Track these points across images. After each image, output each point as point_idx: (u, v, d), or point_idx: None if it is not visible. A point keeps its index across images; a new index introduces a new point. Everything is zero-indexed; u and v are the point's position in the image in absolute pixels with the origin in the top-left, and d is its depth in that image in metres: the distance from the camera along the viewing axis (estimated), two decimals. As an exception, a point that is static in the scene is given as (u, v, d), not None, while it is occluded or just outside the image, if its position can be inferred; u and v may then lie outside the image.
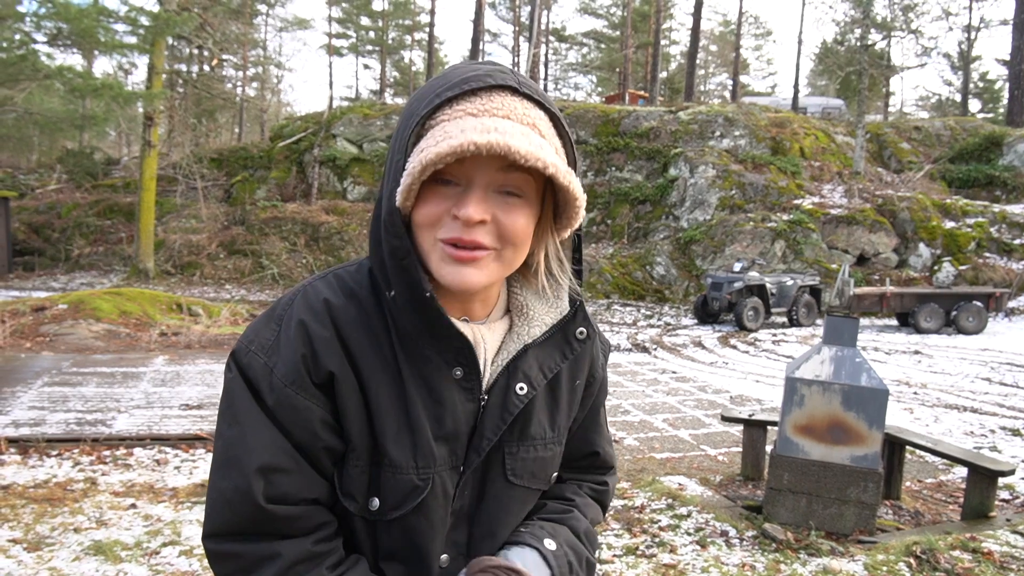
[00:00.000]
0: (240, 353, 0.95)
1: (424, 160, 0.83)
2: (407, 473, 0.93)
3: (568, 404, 1.08)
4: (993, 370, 11.07)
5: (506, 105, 0.88)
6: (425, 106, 0.88)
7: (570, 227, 0.95)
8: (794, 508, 4.38)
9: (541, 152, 0.84)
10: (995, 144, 24.21)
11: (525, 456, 1.01)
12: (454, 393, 0.95)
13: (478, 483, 1.00)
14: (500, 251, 0.90)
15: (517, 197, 0.89)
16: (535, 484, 1.05)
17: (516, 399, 0.97)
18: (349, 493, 0.95)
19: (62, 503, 4.39)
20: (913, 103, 54.52)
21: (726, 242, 19.68)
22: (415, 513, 0.95)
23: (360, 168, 25.20)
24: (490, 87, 0.88)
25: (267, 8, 42.36)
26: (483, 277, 0.89)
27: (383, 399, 0.93)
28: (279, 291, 20.73)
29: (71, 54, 18.17)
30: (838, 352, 4.44)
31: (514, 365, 0.98)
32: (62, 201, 24.47)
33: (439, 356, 0.93)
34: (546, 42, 46.45)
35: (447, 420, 0.95)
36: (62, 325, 10.56)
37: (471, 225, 0.86)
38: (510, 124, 0.86)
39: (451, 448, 0.96)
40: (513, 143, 0.82)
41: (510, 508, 1.02)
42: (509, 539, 1.04)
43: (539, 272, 1.01)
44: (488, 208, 0.87)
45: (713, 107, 25.57)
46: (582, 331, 1.02)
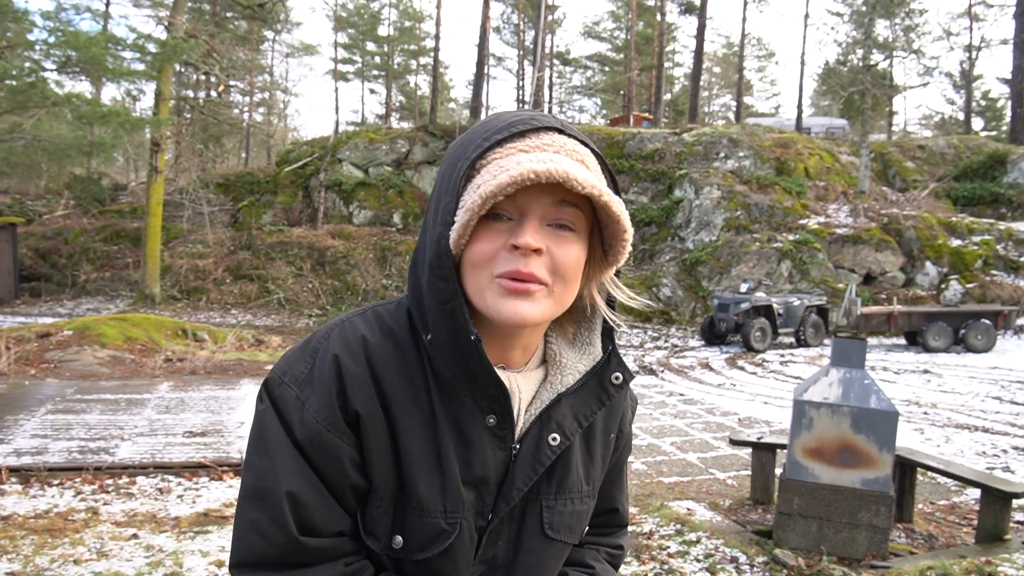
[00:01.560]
0: (273, 384, 0.95)
1: (484, 193, 0.84)
2: (435, 516, 0.92)
3: (602, 457, 1.07)
4: (1004, 388, 10.95)
5: (555, 142, 0.90)
6: (474, 149, 0.89)
7: (617, 263, 0.95)
8: (805, 533, 4.31)
9: (595, 181, 0.86)
10: (999, 162, 24.20)
11: (563, 510, 1.00)
12: (485, 440, 0.94)
13: (515, 535, 0.99)
14: (552, 287, 0.89)
15: (570, 231, 0.90)
16: (571, 539, 1.03)
17: (548, 450, 0.96)
18: (372, 532, 0.95)
19: (63, 534, 4.35)
20: (916, 122, 54.67)
21: (732, 263, 19.64)
22: (441, 557, 0.94)
23: (366, 192, 25.32)
24: (537, 128, 0.91)
25: (273, 35, 42.87)
26: (537, 312, 0.88)
27: (413, 440, 0.92)
28: (285, 316, 20.75)
29: (79, 81, 18.34)
30: (846, 374, 4.39)
31: (547, 415, 0.97)
32: (69, 227, 24.62)
33: (474, 402, 0.93)
34: (550, 66, 46.80)
35: (476, 466, 0.94)
36: (67, 351, 10.57)
37: (528, 254, 0.86)
38: (561, 157, 0.88)
39: (479, 494, 0.95)
40: (571, 171, 0.84)
41: (546, 564, 1.01)
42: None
43: (587, 311, 1.01)
44: (543, 239, 0.88)
45: (717, 128, 25.66)
46: (617, 376, 1.01)
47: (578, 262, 0.91)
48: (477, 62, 31.33)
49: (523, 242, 0.86)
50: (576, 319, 1.03)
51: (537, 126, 0.90)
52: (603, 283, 1.00)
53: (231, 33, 30.57)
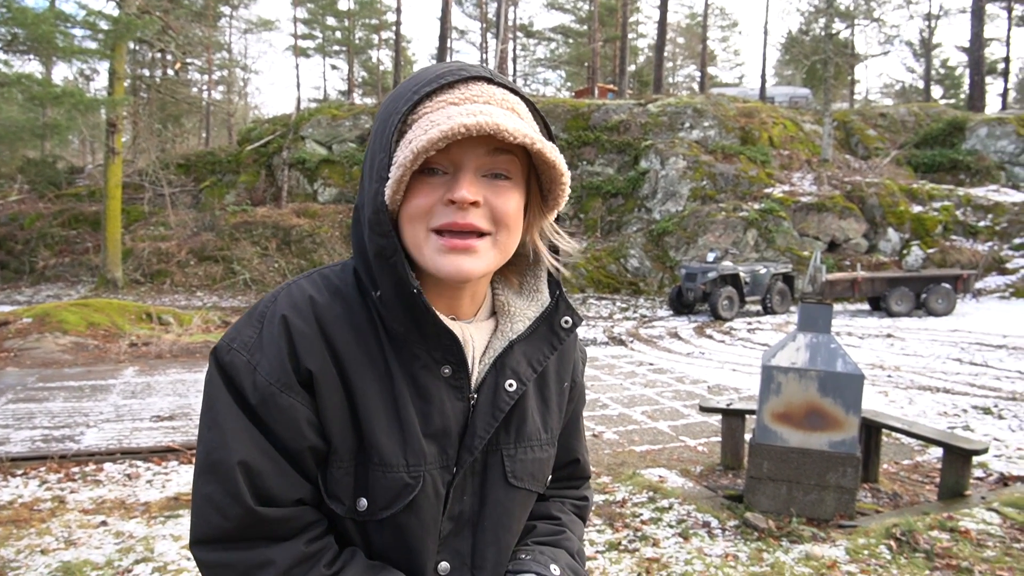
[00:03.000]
0: (221, 351, 0.92)
1: (416, 148, 0.83)
2: (397, 471, 0.91)
3: (558, 406, 1.07)
4: (963, 350, 11.23)
5: (484, 92, 0.90)
6: (404, 103, 0.89)
7: (557, 206, 0.96)
8: (775, 496, 4.39)
9: (527, 129, 0.86)
10: (958, 129, 24.62)
11: (523, 458, 1.00)
12: (442, 391, 0.94)
13: (479, 488, 0.98)
14: (495, 236, 0.90)
15: (506, 179, 0.90)
16: (534, 486, 1.03)
17: (506, 396, 0.96)
18: (335, 495, 0.92)
19: (28, 524, 4.26)
20: (878, 90, 55.37)
21: (699, 233, 19.79)
22: (406, 512, 0.92)
23: (330, 170, 24.97)
24: (465, 79, 0.90)
25: (231, 10, 41.79)
26: (481, 264, 0.89)
27: (370, 397, 0.91)
28: (252, 296, 20.47)
29: (28, 61, 17.70)
30: (813, 339, 4.45)
31: (501, 362, 0.98)
32: (24, 212, 23.92)
33: (427, 354, 0.93)
34: (514, 38, 46.38)
35: (435, 418, 0.93)
36: (27, 339, 10.31)
37: (465, 207, 0.86)
38: (492, 107, 0.88)
39: (441, 446, 0.94)
40: (501, 121, 0.84)
41: (512, 512, 1.01)
42: (513, 567, 1.02)
43: (529, 259, 1.02)
44: (480, 190, 0.88)
45: (682, 99, 25.69)
46: (567, 320, 1.02)
47: (518, 209, 0.92)
48: (440, 35, 30.93)
49: (459, 196, 0.86)
50: (521, 268, 1.03)
51: (466, 76, 0.90)
52: (544, 230, 1.00)
53: (186, 9, 29.69)
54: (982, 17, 31.33)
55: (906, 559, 3.66)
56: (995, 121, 24.32)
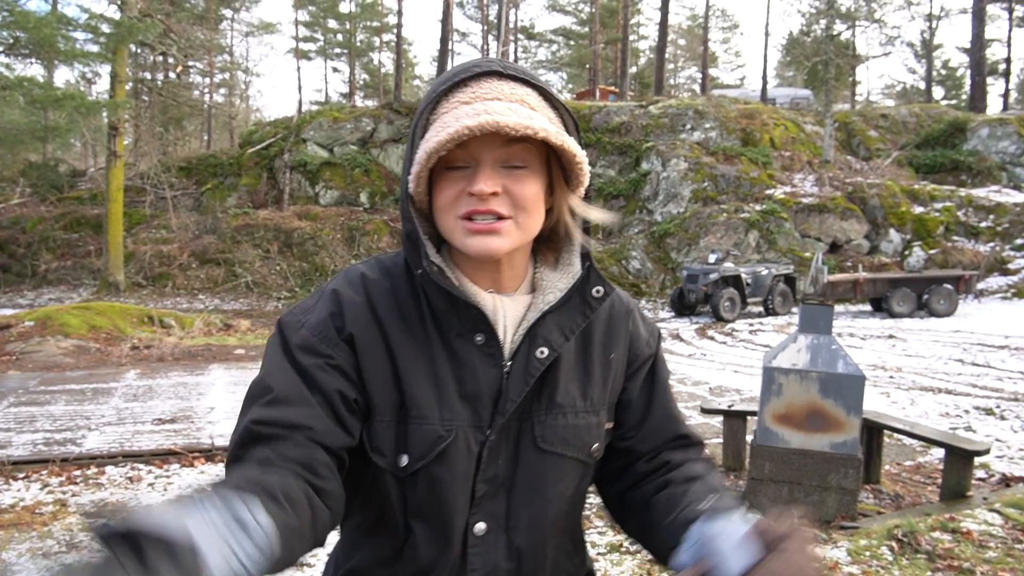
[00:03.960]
0: (283, 316, 1.06)
1: (428, 149, 0.93)
2: (432, 423, 0.99)
3: (602, 376, 1.11)
4: (965, 351, 11.22)
5: (494, 89, 0.98)
6: (427, 103, 0.99)
7: (581, 185, 1.04)
8: (776, 497, 4.38)
9: (530, 121, 0.93)
10: (959, 130, 24.60)
11: (553, 423, 1.05)
12: (475, 358, 1.02)
13: (512, 453, 1.04)
14: (515, 219, 0.99)
15: (523, 168, 0.98)
16: (569, 451, 1.07)
17: (536, 362, 1.03)
18: (377, 448, 1.00)
19: (30, 527, 4.26)
20: (879, 91, 55.30)
21: (700, 234, 19.79)
22: (438, 463, 0.99)
23: (331, 172, 24.99)
24: (477, 75, 0.98)
25: (232, 13, 41.87)
26: (504, 243, 0.98)
27: (410, 359, 1.01)
28: (254, 299, 20.49)
29: (30, 64, 17.74)
30: (814, 340, 4.44)
31: (534, 331, 1.04)
32: (26, 215, 23.96)
33: (461, 324, 1.02)
34: (515, 40, 46.43)
35: (468, 381, 1.01)
36: (29, 343, 10.33)
37: (484, 198, 0.96)
38: (499, 104, 0.95)
39: (473, 408, 1.01)
40: (502, 119, 0.91)
41: (545, 476, 1.06)
42: (711, 512, 0.98)
43: (560, 234, 1.09)
44: (498, 181, 0.96)
45: (683, 100, 25.71)
46: (598, 290, 1.07)
47: (536, 194, 1.00)
48: (441, 38, 30.95)
49: (477, 189, 0.95)
50: (556, 247, 1.11)
51: (477, 72, 0.98)
52: (574, 208, 1.08)
53: (188, 12, 29.78)
54: (983, 18, 31.32)
55: (908, 560, 3.65)
56: (996, 122, 24.30)
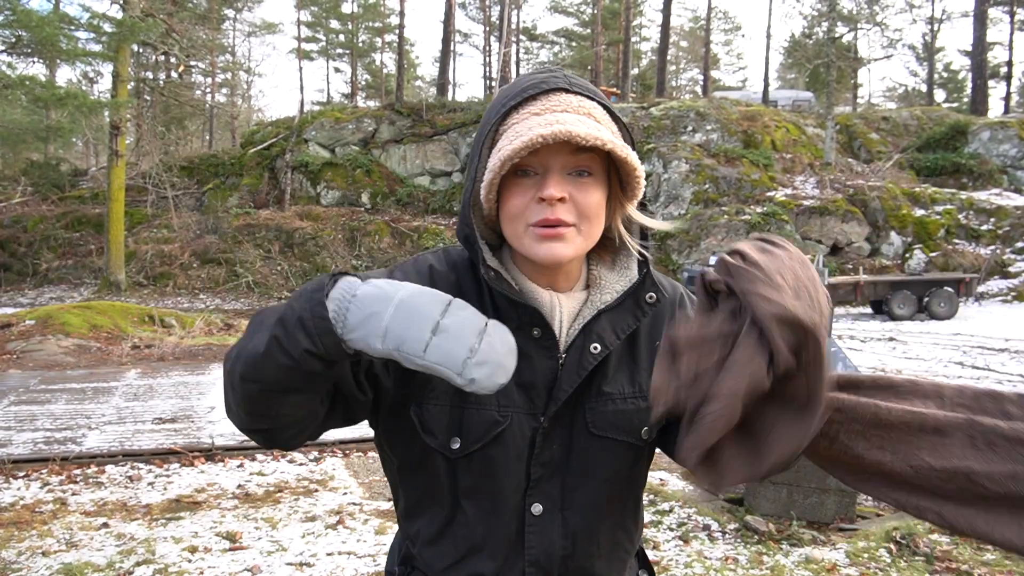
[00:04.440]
0: None
1: (503, 157, 0.98)
2: (489, 409, 1.05)
3: (649, 362, 1.16)
4: (965, 354, 11.22)
5: (563, 102, 1.03)
6: (495, 114, 1.04)
7: (636, 197, 1.09)
8: (775, 499, 4.39)
9: (599, 132, 0.98)
10: (960, 132, 24.61)
11: (604, 410, 1.11)
12: (532, 349, 1.07)
13: (567, 439, 1.10)
14: (579, 226, 1.04)
15: (588, 176, 1.04)
16: (619, 435, 1.12)
17: (590, 356, 1.09)
18: (430, 430, 1.06)
19: (30, 526, 4.27)
20: (881, 94, 55.28)
21: (701, 236, 19.79)
22: (494, 444, 1.06)
23: (333, 172, 25.02)
24: (547, 91, 1.04)
25: (234, 13, 41.91)
26: (570, 250, 1.03)
27: None
28: (255, 299, 20.51)
29: (32, 63, 17.76)
30: (813, 342, 4.45)
31: (589, 328, 1.10)
32: (28, 214, 23.99)
33: (519, 318, 1.07)
34: (517, 41, 46.44)
35: (526, 371, 1.05)
36: (30, 341, 10.34)
37: (553, 204, 1.00)
38: (569, 115, 1.01)
39: (528, 396, 1.08)
40: (574, 129, 0.96)
41: (596, 459, 1.11)
42: None
43: (616, 241, 1.15)
44: (565, 188, 1.02)
45: (685, 102, 25.73)
46: (651, 295, 1.13)
47: (599, 202, 1.05)
48: (443, 39, 31.03)
49: (548, 194, 1.00)
50: (613, 249, 1.16)
51: (547, 88, 1.04)
52: (629, 216, 1.13)
53: (190, 12, 29.80)
54: (985, 21, 31.34)
55: (906, 562, 3.66)
56: (998, 125, 24.31)
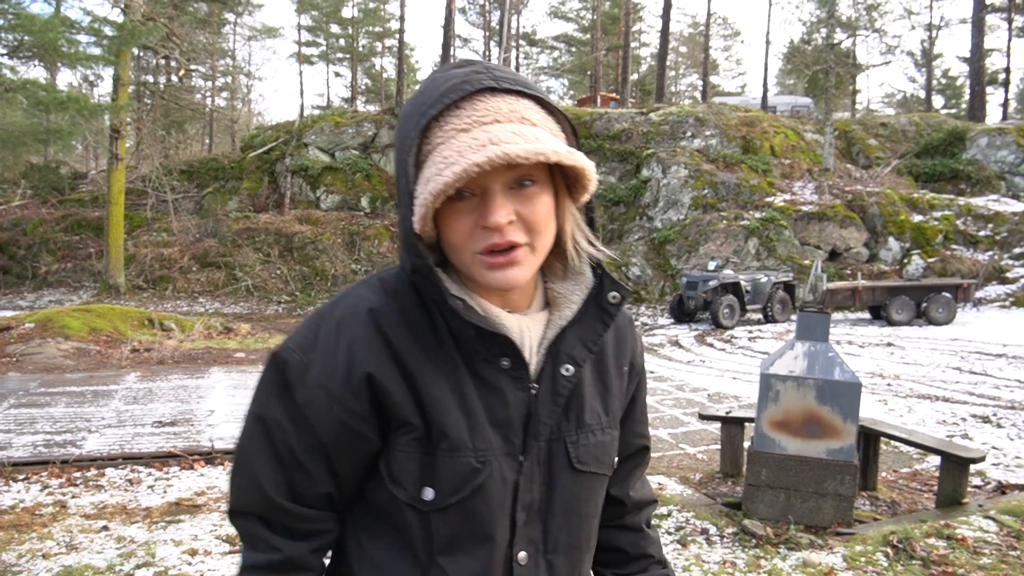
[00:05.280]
0: (279, 350, 0.99)
1: (434, 190, 0.87)
2: (465, 456, 0.94)
3: (619, 388, 1.10)
4: (963, 359, 11.24)
5: (491, 109, 0.90)
6: (414, 127, 0.91)
7: (585, 193, 0.98)
8: (773, 503, 4.41)
9: (538, 145, 0.87)
10: (958, 139, 24.67)
11: (586, 443, 1.03)
12: (503, 382, 0.97)
13: (546, 476, 1.01)
14: (532, 243, 0.94)
15: (533, 184, 0.92)
16: (600, 469, 1.06)
17: (564, 381, 0.99)
18: (398, 481, 0.96)
19: (30, 528, 4.29)
20: (879, 100, 55.48)
21: (700, 241, 19.83)
22: (474, 497, 0.95)
23: (333, 177, 25.05)
24: (469, 95, 0.90)
25: (235, 17, 41.99)
26: (524, 272, 0.94)
27: (436, 388, 0.95)
28: (254, 303, 20.53)
29: (33, 67, 17.79)
30: (811, 347, 4.47)
31: (556, 349, 1.00)
32: (27, 217, 24.01)
33: (486, 349, 0.96)
34: (517, 46, 46.57)
35: (498, 408, 0.97)
36: (29, 344, 10.35)
37: (501, 229, 0.90)
38: (498, 128, 0.88)
39: (505, 435, 0.97)
40: (510, 150, 0.85)
41: (580, 496, 1.04)
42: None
43: (567, 249, 1.03)
44: (510, 209, 0.91)
45: (684, 108, 25.78)
46: (614, 295, 1.03)
47: (548, 211, 0.95)
48: (443, 44, 31.07)
49: (492, 223, 0.89)
50: (563, 256, 1.04)
51: (469, 91, 0.90)
52: (576, 217, 1.01)
53: (191, 16, 29.85)
54: (982, 28, 31.43)
55: (903, 566, 3.67)
56: (995, 131, 24.37)
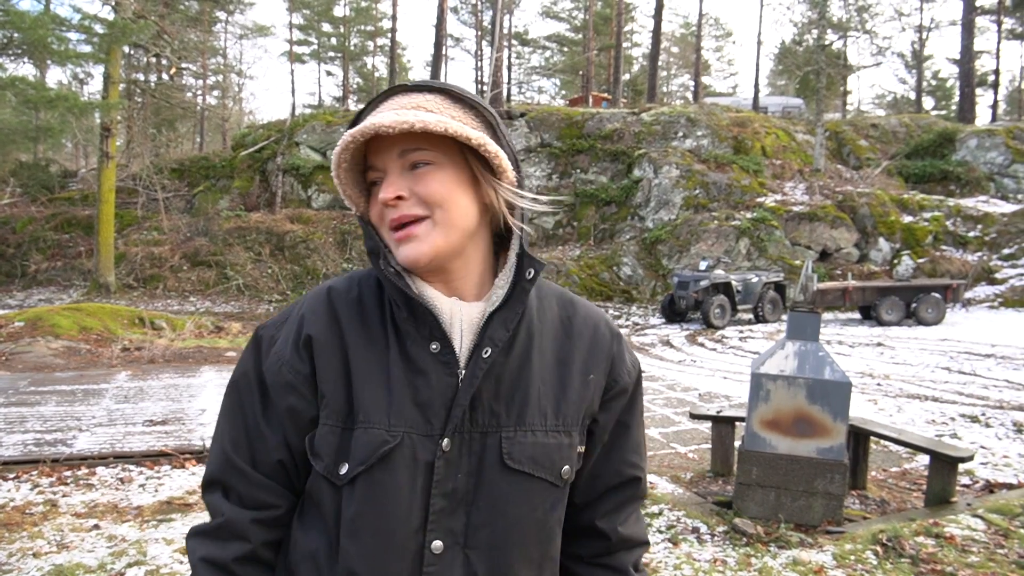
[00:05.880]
0: (258, 329, 1.12)
1: (333, 169, 1.02)
2: (378, 429, 0.98)
3: (580, 396, 1.06)
4: (952, 359, 11.32)
5: (392, 102, 1.02)
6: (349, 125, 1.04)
7: (504, 171, 1.01)
8: (763, 502, 4.43)
9: (409, 117, 0.95)
10: (948, 140, 24.83)
11: (523, 440, 1.01)
12: (430, 366, 1.00)
13: (475, 467, 0.99)
14: (431, 216, 0.99)
15: (427, 165, 0.99)
16: (538, 472, 1.01)
17: (482, 363, 0.99)
18: (317, 452, 1.01)
19: (20, 527, 4.27)
20: (870, 101, 55.74)
21: (691, 241, 19.88)
22: (381, 467, 0.96)
23: (324, 176, 24.98)
24: (387, 95, 1.04)
25: (226, 15, 41.82)
26: (427, 245, 0.99)
27: (365, 364, 1.01)
28: (245, 302, 20.45)
29: (22, 64, 17.67)
30: (801, 347, 4.50)
31: (483, 334, 1.01)
32: (16, 215, 23.85)
33: (416, 331, 1.01)
34: (509, 46, 46.53)
35: (423, 389, 0.99)
36: (19, 343, 10.29)
37: (393, 204, 0.99)
38: (388, 113, 0.98)
39: (424, 415, 0.98)
40: (379, 121, 0.95)
41: (510, 497, 1.00)
42: None
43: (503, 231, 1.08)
44: (400, 186, 0.99)
45: (675, 108, 25.84)
46: (529, 271, 1.03)
47: (447, 187, 1.00)
48: (435, 43, 31.05)
49: (382, 197, 1.00)
50: (506, 246, 1.08)
51: (389, 93, 1.04)
52: (505, 198, 1.04)
53: (182, 14, 29.73)
54: (972, 30, 31.65)
55: (892, 564, 3.70)
56: (985, 133, 24.54)
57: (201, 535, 1.05)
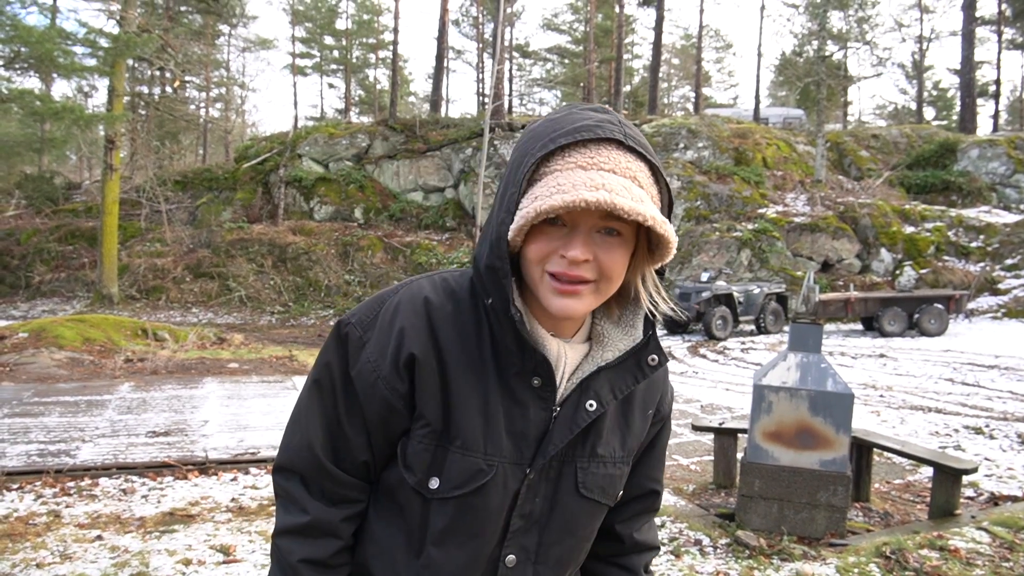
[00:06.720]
0: (342, 323, 1.09)
1: (539, 208, 0.93)
2: (475, 456, 1.02)
3: (640, 430, 1.16)
4: (955, 370, 11.30)
5: (612, 159, 0.97)
6: (540, 148, 0.98)
7: (663, 260, 1.03)
8: (766, 514, 4.42)
9: (641, 207, 0.93)
10: (949, 150, 24.87)
11: (596, 471, 1.10)
12: (529, 399, 1.04)
13: (551, 494, 1.08)
14: (598, 283, 1.00)
15: (617, 236, 0.99)
16: (604, 499, 1.12)
17: (585, 414, 1.05)
18: (410, 466, 1.04)
19: (23, 538, 4.27)
20: (871, 112, 55.81)
21: (693, 252, 19.90)
22: (475, 494, 1.03)
23: (326, 188, 25.06)
24: (599, 139, 0.98)
25: (229, 29, 42.08)
26: (583, 306, 1.00)
27: (465, 388, 1.03)
28: (247, 313, 20.48)
29: (28, 77, 17.79)
30: (804, 358, 4.51)
31: (587, 384, 1.07)
32: (21, 227, 23.94)
33: (522, 364, 1.03)
34: (510, 58, 46.72)
35: (518, 420, 1.04)
36: (23, 354, 10.31)
37: (577, 264, 0.97)
38: (614, 178, 0.95)
39: (517, 446, 1.04)
40: (618, 201, 0.91)
41: (579, 520, 1.10)
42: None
43: (629, 297, 1.10)
44: (591, 249, 0.97)
45: (676, 119, 25.92)
46: (654, 358, 1.09)
47: (622, 264, 1.01)
48: (436, 55, 31.20)
49: (572, 255, 0.96)
50: (622, 303, 1.11)
51: (600, 136, 0.97)
52: (647, 277, 1.08)
53: (186, 27, 29.91)
54: (973, 40, 31.77)
55: (895, 577, 3.69)
56: (986, 143, 24.59)
57: (292, 534, 1.07)
